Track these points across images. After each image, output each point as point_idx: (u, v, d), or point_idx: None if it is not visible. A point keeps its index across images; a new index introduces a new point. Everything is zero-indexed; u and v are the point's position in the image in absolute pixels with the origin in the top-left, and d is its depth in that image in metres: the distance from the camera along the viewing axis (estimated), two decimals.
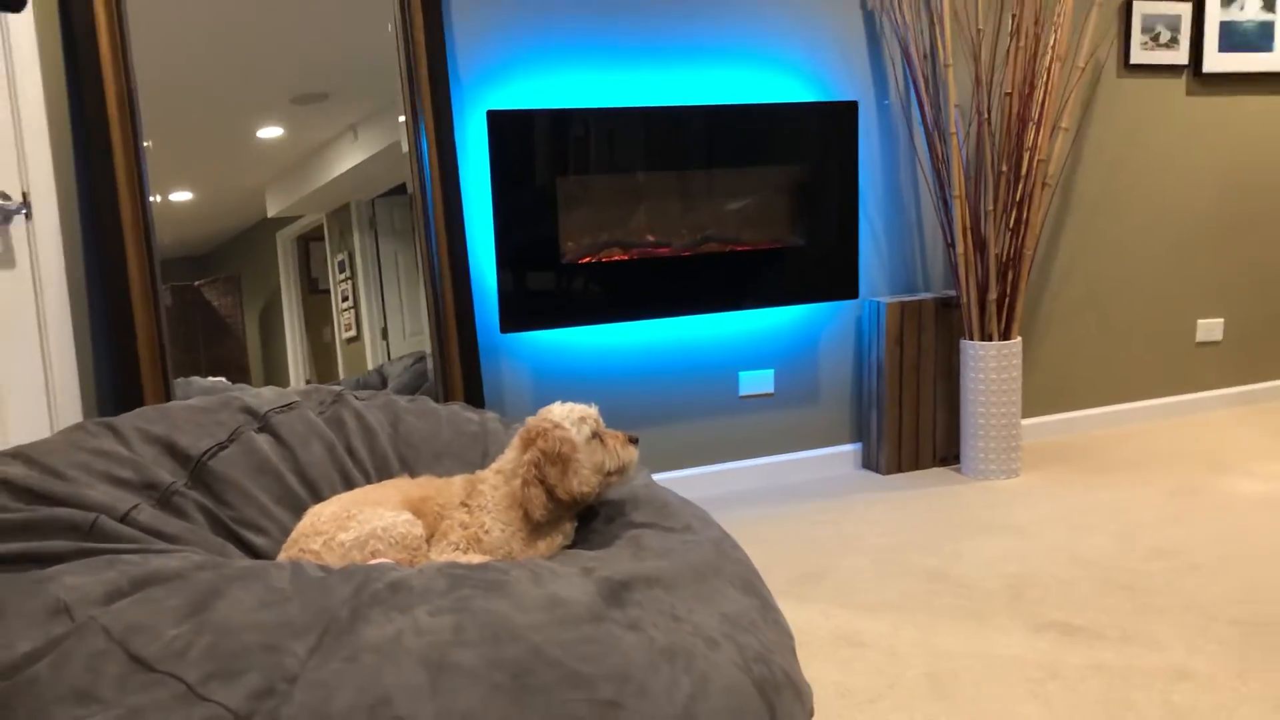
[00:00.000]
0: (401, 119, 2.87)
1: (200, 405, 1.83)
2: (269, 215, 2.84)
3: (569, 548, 1.72)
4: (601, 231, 3.12)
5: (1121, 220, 3.95)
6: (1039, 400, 3.90)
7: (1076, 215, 3.86)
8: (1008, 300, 3.37)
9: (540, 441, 1.69)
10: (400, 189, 2.94)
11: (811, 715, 1.46)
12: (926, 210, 3.59)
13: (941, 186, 3.46)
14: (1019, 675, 2.08)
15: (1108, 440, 3.87)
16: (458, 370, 2.90)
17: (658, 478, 3.31)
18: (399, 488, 1.75)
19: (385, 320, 2.99)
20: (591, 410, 1.75)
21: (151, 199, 2.61)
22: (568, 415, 1.72)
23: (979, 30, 3.40)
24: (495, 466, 1.75)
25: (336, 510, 1.65)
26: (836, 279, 3.38)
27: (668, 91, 3.19)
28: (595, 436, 1.72)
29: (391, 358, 2.99)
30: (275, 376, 2.85)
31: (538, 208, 2.99)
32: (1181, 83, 3.96)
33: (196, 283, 2.73)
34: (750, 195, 3.28)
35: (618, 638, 1.32)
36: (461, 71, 2.96)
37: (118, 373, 2.56)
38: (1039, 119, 3.30)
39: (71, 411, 2.58)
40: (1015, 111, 3.31)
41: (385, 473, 1.91)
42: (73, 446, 1.66)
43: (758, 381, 3.44)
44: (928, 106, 3.41)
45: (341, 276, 2.95)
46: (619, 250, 3.14)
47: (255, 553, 1.66)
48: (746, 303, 3.28)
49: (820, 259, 3.35)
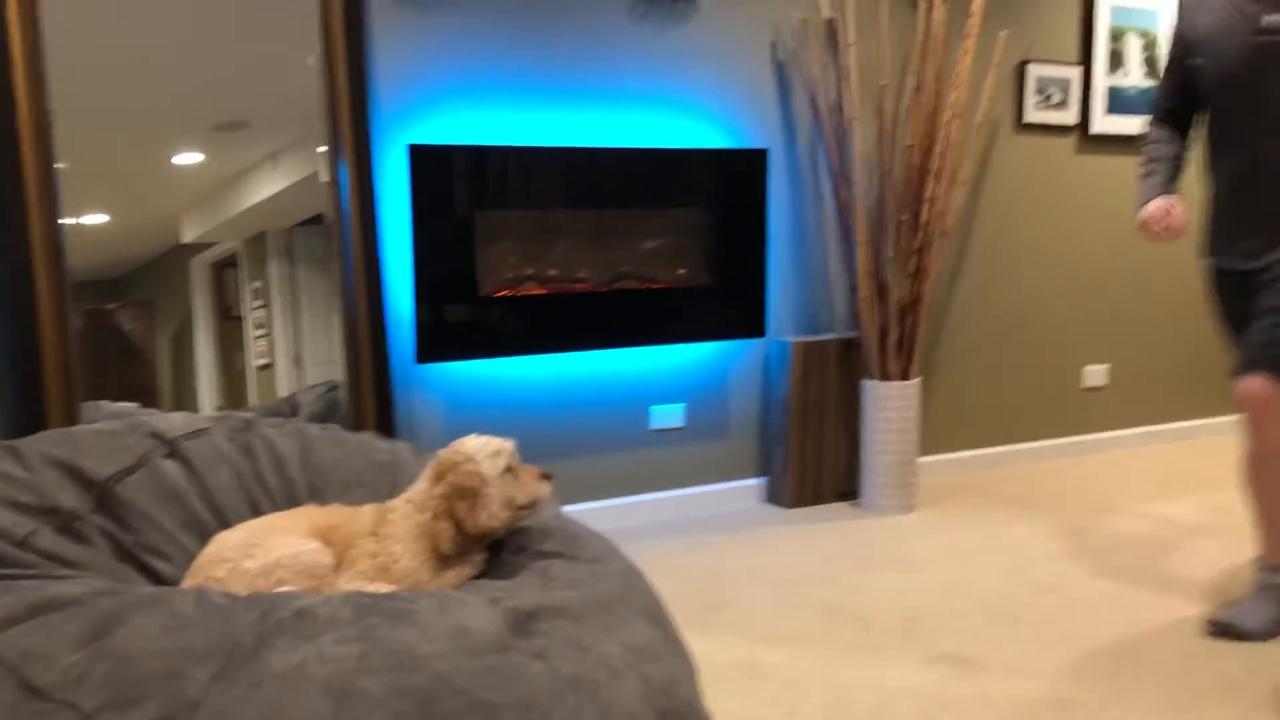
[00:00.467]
0: (322, 149, 2.88)
1: (107, 429, 1.82)
2: (184, 241, 2.83)
3: (478, 577, 1.74)
4: (519, 266, 3.17)
5: (1015, 269, 4.15)
6: (936, 439, 4.05)
7: (973, 263, 4.04)
8: (907, 342, 3.51)
9: (451, 475, 1.70)
10: (318, 218, 2.95)
11: None
12: (832, 254, 3.72)
13: (846, 232, 3.60)
14: (912, 706, 2.16)
15: (999, 479, 4.03)
16: (371, 400, 2.91)
17: (569, 509, 3.34)
18: (307, 516, 1.75)
19: (299, 348, 2.98)
20: (507, 444, 1.75)
21: (64, 221, 2.57)
22: (481, 448, 1.72)
23: (883, 86, 3.56)
24: (405, 496, 1.76)
25: (243, 537, 1.65)
26: (746, 318, 3.48)
27: (587, 132, 3.27)
28: (508, 470, 1.72)
29: (304, 386, 2.98)
30: (186, 403, 2.82)
31: (456, 241, 3.03)
32: (1071, 142, 4.19)
33: (108, 306, 2.70)
34: (665, 235, 3.37)
35: (523, 667, 1.35)
36: (384, 104, 2.99)
37: (22, 395, 2.50)
38: (938, 171, 3.46)
39: None
40: (916, 164, 3.46)
41: (294, 501, 1.91)
42: None
43: (668, 416, 3.51)
44: (834, 156, 3.55)
45: (256, 304, 2.94)
46: (536, 284, 3.20)
47: (160, 580, 1.65)
48: (659, 339, 3.36)
49: (730, 298, 3.45)
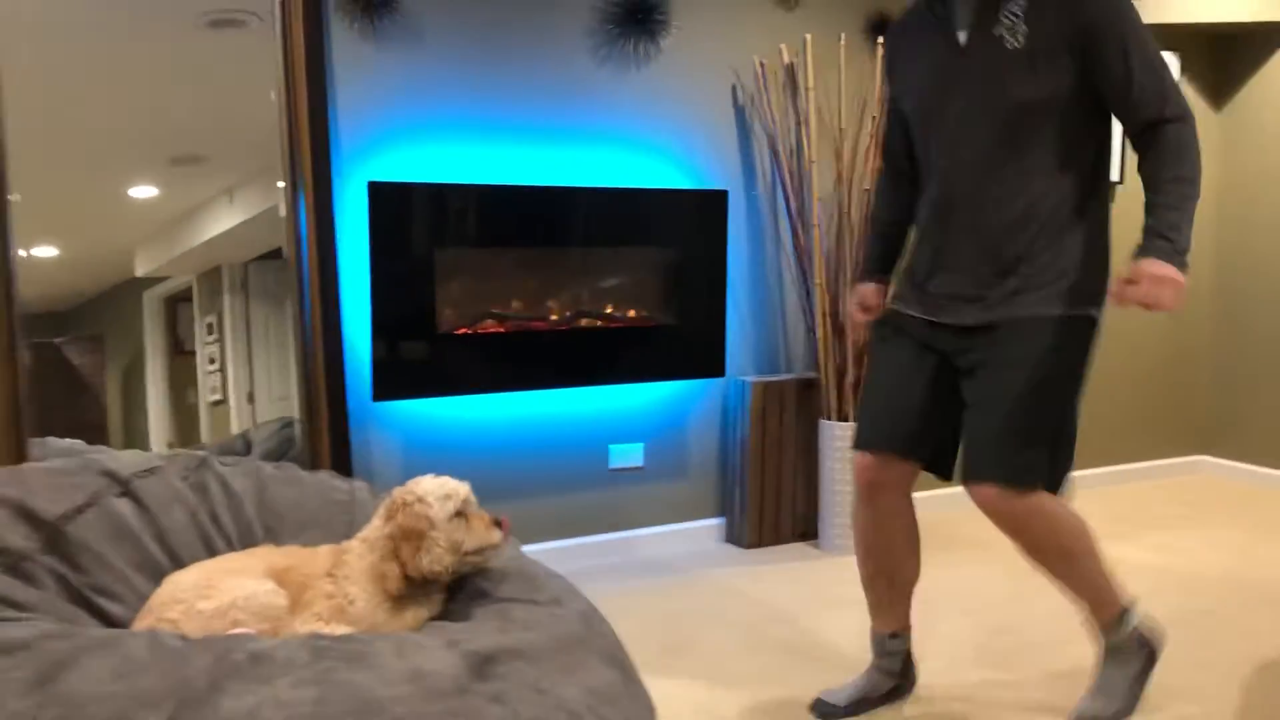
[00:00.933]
0: (280, 184, 2.87)
1: (58, 468, 1.79)
2: (137, 274, 2.79)
3: (437, 619, 1.73)
4: (478, 303, 3.17)
5: None
6: None
7: None
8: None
9: (400, 515, 1.69)
10: (274, 253, 2.93)
11: None
12: (790, 295, 3.76)
13: (804, 274, 3.64)
14: None
15: (956, 519, 4.07)
16: (326, 437, 2.88)
17: (527, 549, 3.31)
18: (263, 556, 1.73)
19: (252, 384, 2.95)
20: (462, 488, 1.73)
21: (16, 254, 2.53)
22: (434, 490, 1.70)
23: (841, 130, 3.63)
24: (361, 535, 1.75)
25: (198, 578, 1.62)
26: (705, 358, 3.50)
27: (547, 170, 3.29)
28: (459, 515, 1.70)
29: (258, 422, 2.94)
30: (136, 439, 2.77)
31: (415, 278, 3.02)
32: None
33: (57, 340, 2.65)
34: (624, 274, 3.39)
35: (481, 710, 1.34)
36: (344, 139, 2.99)
37: None
38: None
39: None
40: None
41: (249, 540, 1.89)
42: None
43: (627, 455, 3.51)
44: (792, 198, 3.60)
45: (209, 339, 2.90)
46: (495, 322, 3.19)
47: (111, 621, 1.62)
48: (618, 378, 3.37)
49: (689, 338, 3.47)
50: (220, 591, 1.58)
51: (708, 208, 3.45)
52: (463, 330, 3.14)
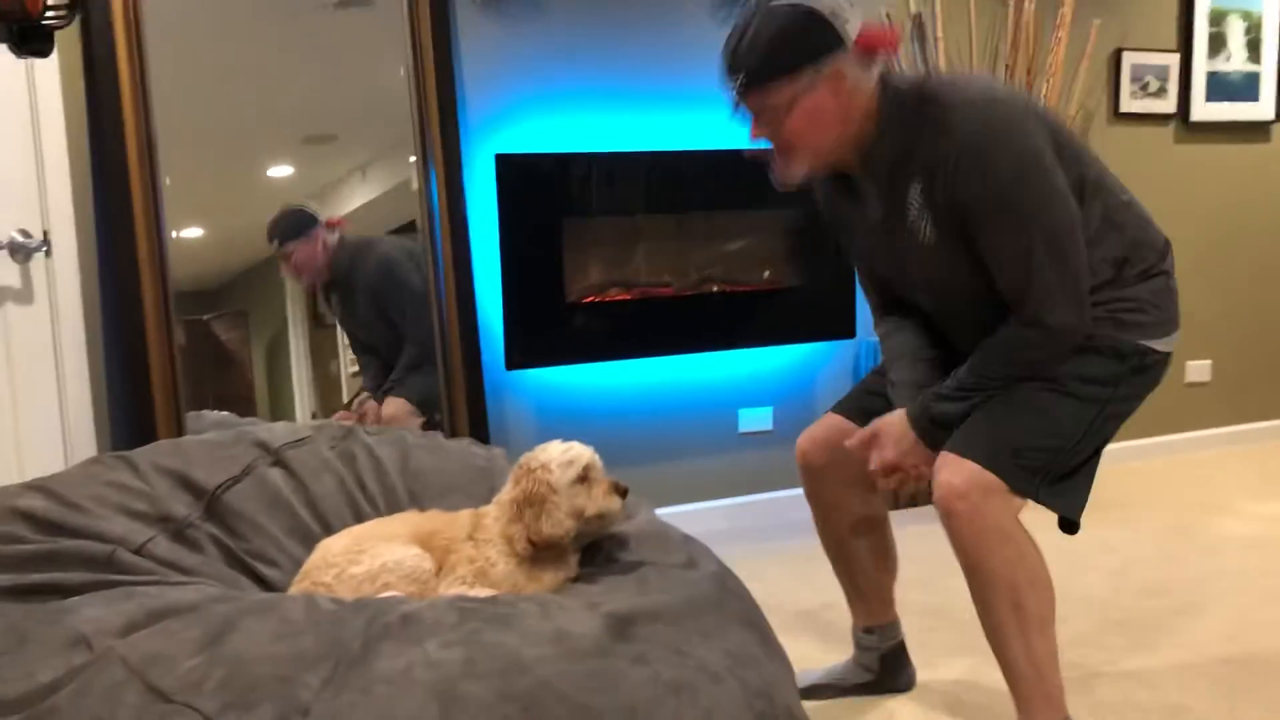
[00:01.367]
0: (411, 159, 2.93)
1: (214, 440, 1.87)
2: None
3: (574, 581, 1.75)
4: (605, 271, 3.18)
5: None
6: None
7: None
8: None
9: (524, 481, 1.71)
10: (407, 226, 3.00)
11: None
12: None
13: None
14: None
15: (1100, 479, 3.91)
16: (463, 406, 2.94)
17: (659, 513, 3.34)
18: (408, 522, 1.78)
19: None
20: (586, 453, 1.73)
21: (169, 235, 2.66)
22: (558, 456, 1.71)
23: None
24: (496, 499, 1.78)
25: (348, 544, 1.68)
26: (834, 319, 3.44)
27: (670, 136, 3.26)
28: (581, 480, 1.69)
29: None
30: (281, 410, 2.89)
31: (543, 248, 3.05)
32: (1170, 131, 4.05)
33: (205, 317, 2.78)
34: (749, 237, 3.35)
35: (624, 672, 1.35)
36: (470, 114, 3.03)
37: (132, 406, 2.59)
38: None
39: (86, 444, 2.61)
40: None
41: (395, 506, 1.94)
42: (90, 479, 1.69)
43: (756, 419, 3.48)
44: None
45: None
46: (622, 290, 3.20)
47: (267, 585, 1.69)
48: (745, 342, 3.34)
49: (818, 299, 3.41)
50: (370, 556, 1.63)
51: None
52: (591, 299, 3.16)
